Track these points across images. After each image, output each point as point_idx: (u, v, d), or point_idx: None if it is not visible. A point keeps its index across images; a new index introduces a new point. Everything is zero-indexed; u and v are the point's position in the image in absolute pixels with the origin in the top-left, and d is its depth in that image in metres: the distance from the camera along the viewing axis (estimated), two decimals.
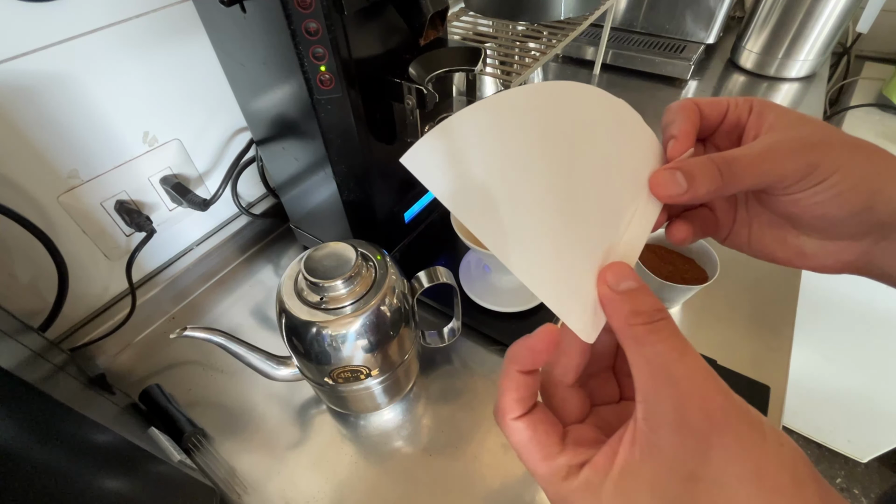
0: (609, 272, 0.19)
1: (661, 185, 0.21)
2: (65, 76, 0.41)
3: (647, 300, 0.18)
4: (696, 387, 0.16)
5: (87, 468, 0.27)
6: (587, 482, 0.17)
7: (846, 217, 0.20)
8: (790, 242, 0.23)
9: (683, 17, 0.92)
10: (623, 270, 0.19)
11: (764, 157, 0.20)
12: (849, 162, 0.19)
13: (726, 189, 0.20)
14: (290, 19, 0.33)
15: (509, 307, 0.51)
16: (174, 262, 0.57)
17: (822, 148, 0.20)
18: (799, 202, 0.20)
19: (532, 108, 0.20)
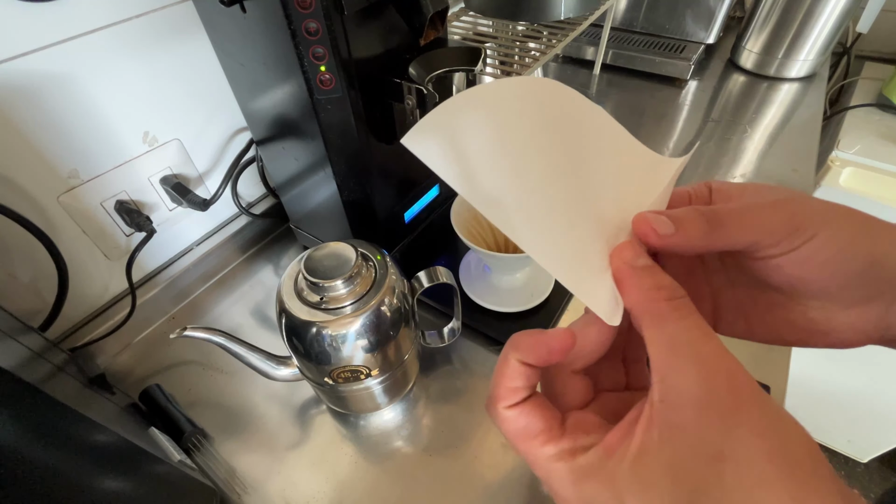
0: (625, 250, 0.19)
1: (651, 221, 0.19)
2: (65, 76, 0.41)
3: (666, 277, 0.17)
4: (722, 365, 0.15)
5: (87, 468, 0.27)
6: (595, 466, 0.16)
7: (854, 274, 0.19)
8: (797, 321, 0.21)
9: (683, 17, 0.92)
10: (638, 248, 0.19)
11: (746, 211, 0.19)
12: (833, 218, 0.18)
13: (714, 238, 0.19)
14: (290, 19, 0.33)
15: (509, 307, 0.51)
16: (174, 262, 0.57)
17: (801, 205, 0.19)
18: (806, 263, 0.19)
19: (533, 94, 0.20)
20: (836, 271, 0.19)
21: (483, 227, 0.51)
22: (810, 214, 0.18)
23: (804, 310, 0.21)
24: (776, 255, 0.19)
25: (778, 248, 0.19)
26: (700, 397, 0.15)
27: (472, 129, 0.19)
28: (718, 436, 0.15)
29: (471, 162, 0.18)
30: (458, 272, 0.54)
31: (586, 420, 0.18)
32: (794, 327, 0.21)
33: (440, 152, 0.18)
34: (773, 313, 0.22)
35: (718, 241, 0.19)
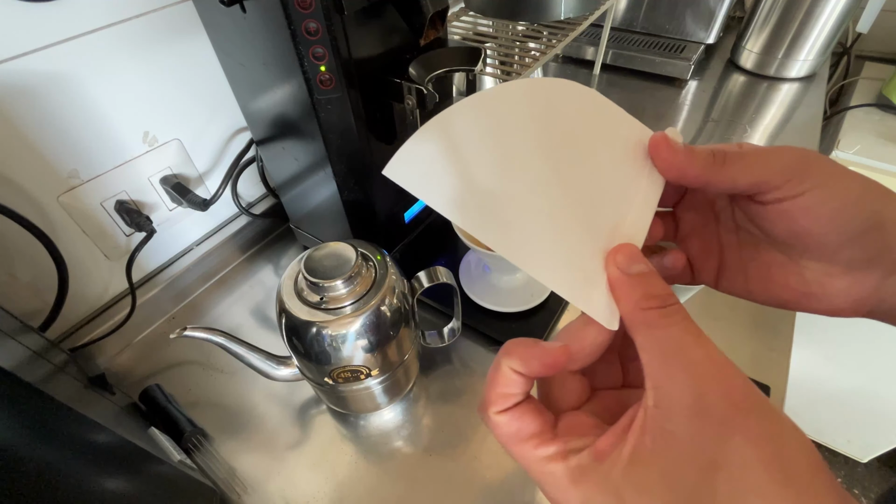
0: (619, 254, 0.19)
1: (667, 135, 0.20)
2: (65, 76, 0.41)
3: (658, 284, 0.18)
4: (714, 370, 0.15)
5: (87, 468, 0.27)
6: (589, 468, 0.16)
7: (855, 234, 0.18)
8: (793, 282, 0.21)
9: (683, 17, 0.92)
10: (633, 252, 0.19)
11: (754, 153, 0.19)
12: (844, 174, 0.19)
13: (717, 170, 0.19)
14: (290, 19, 0.33)
15: (509, 307, 0.51)
16: (174, 262, 0.57)
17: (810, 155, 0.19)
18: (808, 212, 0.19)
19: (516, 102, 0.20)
20: (839, 225, 0.19)
21: None
22: (821, 165, 0.19)
23: (801, 270, 0.21)
24: (782, 199, 0.19)
25: (784, 191, 0.19)
26: (692, 404, 0.15)
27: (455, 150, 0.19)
28: (711, 444, 0.14)
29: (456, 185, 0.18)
30: (458, 272, 0.54)
31: (580, 422, 0.18)
32: (788, 288, 0.22)
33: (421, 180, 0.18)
34: (771, 272, 0.22)
35: (721, 175, 0.19)
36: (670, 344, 0.16)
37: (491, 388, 0.18)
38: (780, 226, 0.20)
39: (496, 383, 0.18)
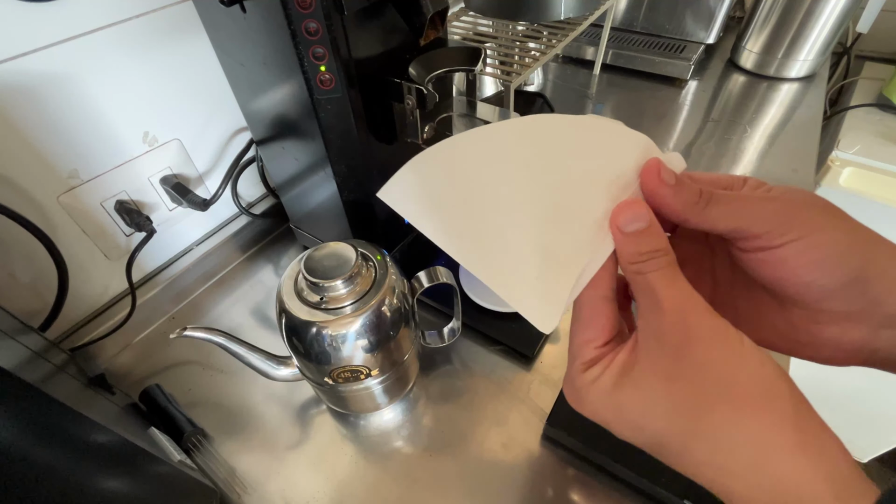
0: (622, 213, 0.20)
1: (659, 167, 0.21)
2: (65, 76, 0.41)
3: (650, 241, 0.20)
4: (676, 305, 0.18)
5: (87, 468, 0.27)
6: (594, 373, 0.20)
7: (836, 288, 0.19)
8: (781, 327, 0.22)
9: (683, 17, 0.92)
10: (636, 211, 0.20)
11: (739, 199, 0.20)
12: (830, 224, 0.19)
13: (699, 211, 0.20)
14: (290, 19, 0.33)
15: (509, 307, 0.50)
16: (174, 262, 0.57)
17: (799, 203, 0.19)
18: (785, 264, 0.19)
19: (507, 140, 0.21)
20: (817, 278, 0.19)
21: None
22: (806, 215, 0.19)
23: (789, 316, 0.21)
24: (761, 248, 0.19)
25: (762, 241, 0.19)
26: (656, 332, 0.19)
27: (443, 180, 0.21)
28: (669, 363, 0.18)
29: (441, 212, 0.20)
30: (458, 272, 0.54)
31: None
32: (777, 332, 0.22)
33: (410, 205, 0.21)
34: (760, 313, 0.23)
35: (703, 216, 0.20)
36: (648, 286, 0.19)
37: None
38: (760, 273, 0.21)
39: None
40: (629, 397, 0.19)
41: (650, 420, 0.19)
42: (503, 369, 0.48)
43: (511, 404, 0.46)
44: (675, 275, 0.19)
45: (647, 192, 0.21)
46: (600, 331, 0.21)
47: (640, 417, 0.19)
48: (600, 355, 0.21)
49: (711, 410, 0.17)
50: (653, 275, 0.19)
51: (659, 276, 0.19)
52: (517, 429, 0.44)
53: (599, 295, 0.21)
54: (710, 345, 0.18)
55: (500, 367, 0.49)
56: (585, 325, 0.21)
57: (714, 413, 0.17)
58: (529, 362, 0.49)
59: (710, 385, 0.18)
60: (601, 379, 0.20)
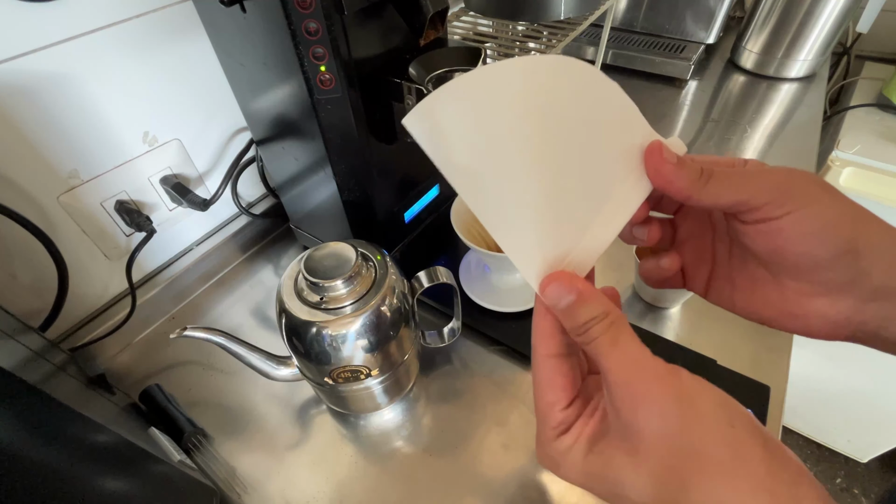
0: (549, 287, 0.20)
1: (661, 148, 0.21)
2: (65, 76, 0.41)
3: (584, 311, 0.19)
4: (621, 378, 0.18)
5: (87, 468, 0.27)
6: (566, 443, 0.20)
7: (829, 258, 0.19)
8: (773, 299, 0.22)
9: (683, 17, 0.92)
10: (561, 285, 0.20)
11: (737, 172, 0.20)
12: (825, 198, 0.19)
13: (700, 188, 0.20)
14: (290, 19, 0.33)
15: (509, 307, 0.51)
16: (174, 262, 0.57)
17: (796, 178, 0.20)
18: (782, 233, 0.20)
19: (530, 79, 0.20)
20: (813, 248, 0.20)
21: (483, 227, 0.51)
22: (803, 188, 0.19)
23: (781, 288, 0.22)
24: (761, 220, 0.20)
25: (763, 212, 0.20)
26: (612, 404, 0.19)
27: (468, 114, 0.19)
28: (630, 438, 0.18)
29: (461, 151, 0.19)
30: (458, 272, 0.54)
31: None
32: (770, 304, 0.23)
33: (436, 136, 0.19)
34: (755, 286, 0.23)
35: (704, 193, 0.20)
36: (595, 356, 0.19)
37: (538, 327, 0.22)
38: (759, 244, 0.21)
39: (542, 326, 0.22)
40: (602, 469, 0.19)
41: (625, 493, 0.19)
42: (503, 369, 0.48)
43: (511, 404, 0.46)
44: (615, 336, 0.19)
45: (651, 172, 0.21)
46: (561, 392, 0.21)
47: (614, 487, 0.19)
48: (567, 419, 0.21)
49: (682, 483, 0.17)
50: (595, 343, 0.19)
51: (601, 343, 0.19)
52: (517, 429, 0.44)
53: (553, 353, 0.21)
54: (663, 411, 0.17)
55: (500, 367, 0.49)
56: (545, 388, 0.21)
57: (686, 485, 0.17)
58: (529, 362, 0.49)
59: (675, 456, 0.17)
60: (573, 450, 0.20)
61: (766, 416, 0.41)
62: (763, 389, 0.43)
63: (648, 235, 0.25)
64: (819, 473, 1.28)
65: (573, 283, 0.20)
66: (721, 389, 0.18)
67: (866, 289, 0.20)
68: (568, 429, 0.20)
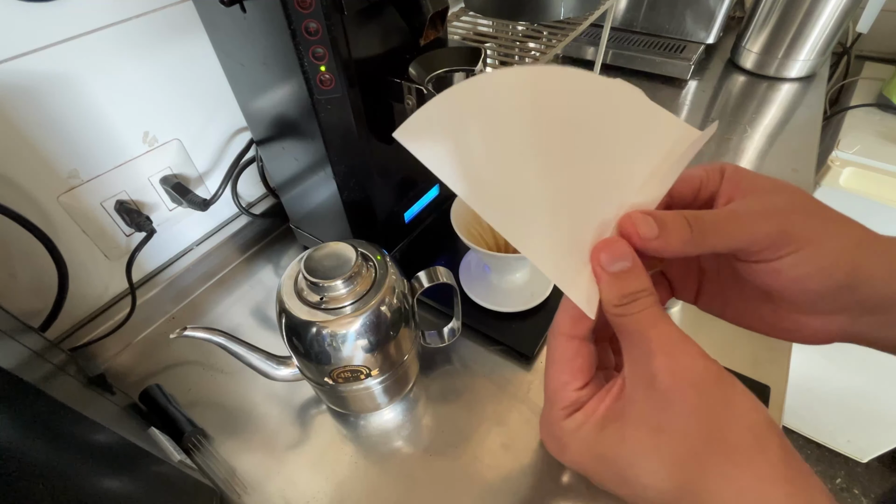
0: (603, 252, 0.19)
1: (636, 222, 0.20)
2: (65, 76, 0.41)
3: (634, 282, 0.19)
4: (666, 347, 0.18)
5: (87, 468, 0.27)
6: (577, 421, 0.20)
7: (827, 293, 0.19)
8: (766, 316, 0.22)
9: (683, 17, 0.92)
10: (617, 250, 0.19)
11: (732, 219, 0.19)
12: (824, 233, 0.19)
13: (696, 245, 0.19)
14: (290, 19, 0.33)
15: (509, 307, 0.51)
16: (174, 262, 0.57)
17: (795, 216, 0.19)
18: (779, 274, 0.19)
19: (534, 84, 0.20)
20: (809, 286, 0.19)
21: (483, 227, 0.51)
22: (801, 227, 0.19)
23: (775, 308, 0.22)
24: (757, 262, 0.20)
25: (758, 257, 0.20)
26: (644, 378, 0.18)
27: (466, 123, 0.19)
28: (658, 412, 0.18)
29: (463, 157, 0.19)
30: (458, 272, 0.54)
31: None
32: (763, 320, 0.23)
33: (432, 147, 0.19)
34: (746, 304, 0.23)
35: (701, 246, 0.19)
36: (634, 327, 0.19)
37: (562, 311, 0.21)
38: (755, 279, 0.21)
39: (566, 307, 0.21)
40: (614, 449, 0.19)
41: (636, 475, 0.18)
42: (503, 369, 0.48)
43: (511, 404, 0.46)
44: (662, 314, 0.19)
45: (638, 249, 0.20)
46: (577, 372, 0.20)
47: (624, 470, 0.18)
48: (580, 399, 0.20)
49: (702, 467, 0.17)
50: (639, 315, 0.18)
51: (646, 317, 0.18)
52: (517, 429, 0.44)
53: (578, 335, 0.21)
54: (702, 390, 0.17)
55: (500, 367, 0.49)
56: (561, 368, 0.21)
57: (705, 469, 0.17)
58: (529, 362, 0.49)
59: (701, 436, 0.17)
60: (583, 428, 0.19)
61: None
62: (763, 389, 0.43)
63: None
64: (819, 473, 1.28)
65: (630, 251, 0.19)
66: None
67: (862, 309, 0.19)
68: (580, 408, 0.20)
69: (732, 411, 0.17)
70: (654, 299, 0.19)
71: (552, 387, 0.21)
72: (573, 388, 0.20)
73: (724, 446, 0.17)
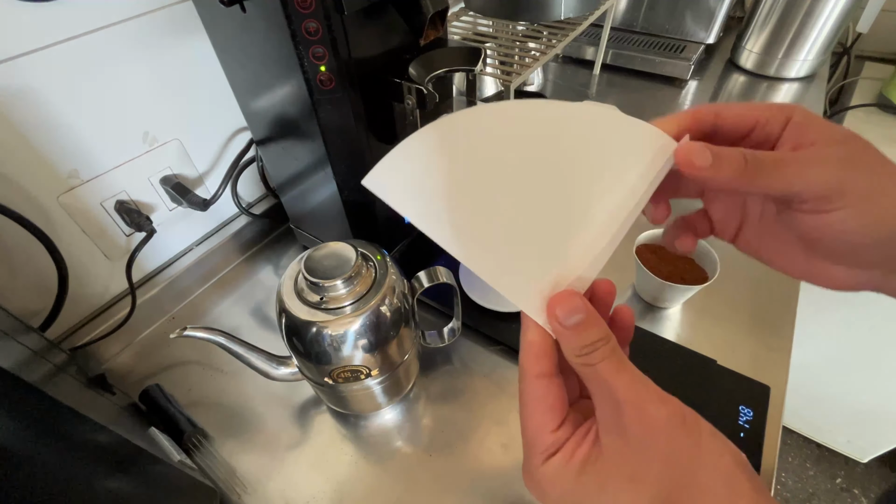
0: (558, 307, 0.20)
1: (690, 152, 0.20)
2: (65, 76, 0.41)
3: (591, 332, 0.19)
4: (632, 397, 0.18)
5: (87, 468, 0.27)
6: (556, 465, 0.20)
7: (869, 249, 0.19)
8: (801, 261, 0.22)
9: (683, 17, 0.92)
10: (571, 303, 0.20)
11: (792, 163, 0.19)
12: (880, 191, 0.18)
13: (748, 181, 0.19)
14: (290, 19, 0.33)
15: (509, 307, 0.51)
16: (174, 262, 0.57)
17: (856, 171, 0.18)
18: (827, 227, 0.19)
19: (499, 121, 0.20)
20: (853, 238, 0.19)
21: None
22: (858, 184, 0.18)
23: (811, 256, 0.22)
24: (808, 212, 0.20)
25: (809, 205, 0.19)
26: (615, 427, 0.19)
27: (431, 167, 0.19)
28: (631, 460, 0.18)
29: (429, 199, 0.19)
30: (458, 272, 0.54)
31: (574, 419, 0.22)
32: (794, 265, 0.23)
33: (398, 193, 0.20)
34: (783, 248, 0.23)
35: (752, 185, 0.19)
36: (598, 377, 0.19)
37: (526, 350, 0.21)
38: (800, 226, 0.21)
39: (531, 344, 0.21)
40: (593, 497, 0.19)
41: None
42: (503, 369, 0.48)
43: (511, 404, 0.46)
44: (621, 360, 0.19)
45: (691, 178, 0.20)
46: (550, 411, 0.20)
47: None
48: (558, 441, 0.20)
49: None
50: (600, 366, 0.19)
51: (606, 366, 0.19)
52: (517, 429, 0.43)
53: (544, 373, 0.21)
54: (672, 436, 0.18)
55: (500, 367, 0.49)
56: (535, 409, 0.21)
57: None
58: None
59: (674, 481, 0.17)
60: (562, 476, 0.20)
61: (766, 416, 0.41)
62: (763, 389, 0.43)
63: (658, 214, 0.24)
64: (819, 473, 1.28)
65: (583, 303, 0.20)
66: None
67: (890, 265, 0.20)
68: (557, 450, 0.20)
69: (702, 454, 0.18)
70: (612, 346, 0.19)
71: (529, 432, 0.21)
72: (549, 430, 0.20)
73: (697, 490, 0.17)
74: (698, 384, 0.44)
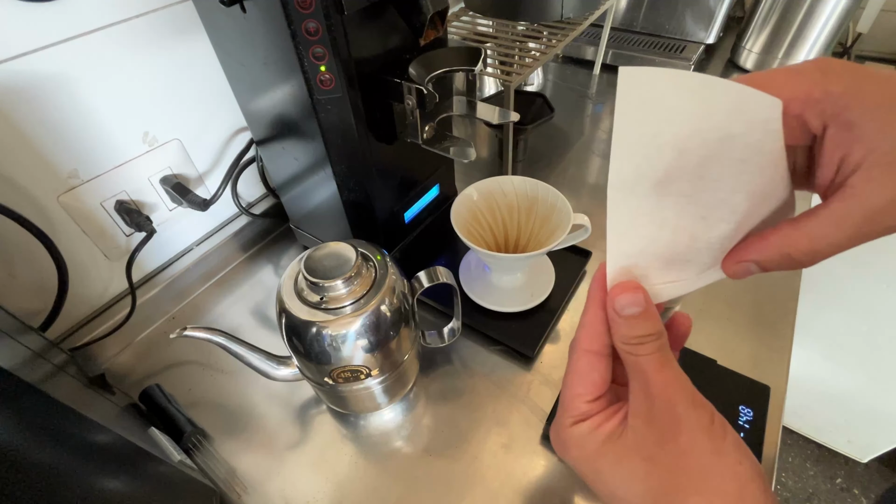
0: (619, 296, 0.21)
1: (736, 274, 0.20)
2: (65, 76, 0.41)
3: (643, 326, 0.20)
4: (665, 393, 0.19)
5: (87, 468, 0.27)
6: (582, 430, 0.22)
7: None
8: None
9: (683, 17, 0.92)
10: (631, 297, 0.21)
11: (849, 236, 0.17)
12: None
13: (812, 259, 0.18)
14: (290, 19, 0.33)
15: (509, 307, 0.51)
16: (174, 262, 0.57)
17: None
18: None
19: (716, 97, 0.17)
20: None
21: (483, 227, 0.51)
22: None
23: None
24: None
25: None
26: (645, 414, 0.20)
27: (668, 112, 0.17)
28: (652, 445, 0.20)
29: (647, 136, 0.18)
30: (458, 272, 0.54)
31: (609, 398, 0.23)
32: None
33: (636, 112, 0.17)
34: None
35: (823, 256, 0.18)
36: (639, 368, 0.20)
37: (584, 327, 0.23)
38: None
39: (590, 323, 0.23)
40: (609, 468, 0.21)
41: (624, 494, 0.20)
42: (503, 369, 0.48)
43: (511, 404, 0.46)
44: (666, 359, 0.20)
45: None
46: (591, 386, 0.22)
47: (616, 489, 0.21)
48: (589, 412, 0.22)
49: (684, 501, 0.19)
50: (644, 358, 0.20)
51: (650, 361, 0.20)
52: (517, 429, 0.44)
53: (594, 350, 0.22)
54: (694, 435, 0.19)
55: (500, 367, 0.49)
56: (578, 380, 0.22)
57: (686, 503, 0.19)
58: (529, 362, 0.49)
59: (687, 474, 0.19)
60: (587, 441, 0.21)
61: (766, 415, 0.41)
62: (763, 389, 0.43)
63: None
64: (819, 473, 1.28)
65: (644, 297, 0.21)
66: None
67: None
68: (587, 418, 0.22)
69: (719, 459, 0.19)
70: (661, 343, 0.20)
71: (566, 396, 0.23)
72: (584, 400, 0.22)
73: (707, 488, 0.18)
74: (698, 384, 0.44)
